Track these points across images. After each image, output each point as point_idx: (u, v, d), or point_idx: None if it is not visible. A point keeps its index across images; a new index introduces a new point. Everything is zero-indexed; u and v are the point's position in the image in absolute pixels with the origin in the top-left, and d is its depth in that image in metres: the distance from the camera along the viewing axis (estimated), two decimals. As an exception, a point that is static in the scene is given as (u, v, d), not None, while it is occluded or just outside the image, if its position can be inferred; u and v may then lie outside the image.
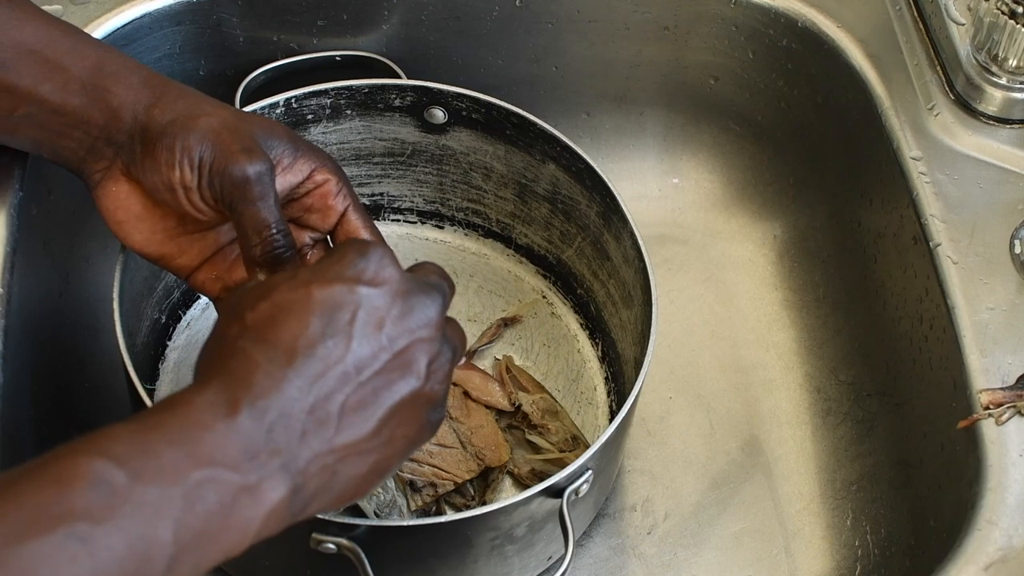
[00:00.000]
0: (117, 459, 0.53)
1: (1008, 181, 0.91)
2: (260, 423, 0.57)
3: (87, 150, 0.76)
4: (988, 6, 0.91)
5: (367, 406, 0.61)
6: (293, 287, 0.61)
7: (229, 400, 0.57)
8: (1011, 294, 0.86)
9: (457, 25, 1.02)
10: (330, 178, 0.78)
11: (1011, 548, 0.77)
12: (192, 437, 0.55)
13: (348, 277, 0.61)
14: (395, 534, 0.76)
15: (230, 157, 0.71)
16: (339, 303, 0.61)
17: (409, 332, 0.62)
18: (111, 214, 0.77)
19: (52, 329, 0.92)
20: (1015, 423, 0.81)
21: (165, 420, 0.56)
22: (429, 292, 0.64)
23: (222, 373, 0.58)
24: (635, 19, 1.03)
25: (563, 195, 0.95)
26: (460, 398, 0.93)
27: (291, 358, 0.59)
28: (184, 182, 0.73)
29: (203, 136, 0.72)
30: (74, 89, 0.75)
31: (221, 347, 0.60)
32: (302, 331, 0.59)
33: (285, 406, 0.58)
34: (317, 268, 0.62)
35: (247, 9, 0.98)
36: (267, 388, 0.58)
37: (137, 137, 0.74)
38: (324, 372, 0.59)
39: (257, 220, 0.71)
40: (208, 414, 0.56)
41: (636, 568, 0.93)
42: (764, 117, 1.06)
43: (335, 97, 0.92)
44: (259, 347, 0.59)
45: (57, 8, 0.94)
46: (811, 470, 0.97)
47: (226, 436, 0.56)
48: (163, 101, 0.75)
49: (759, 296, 1.06)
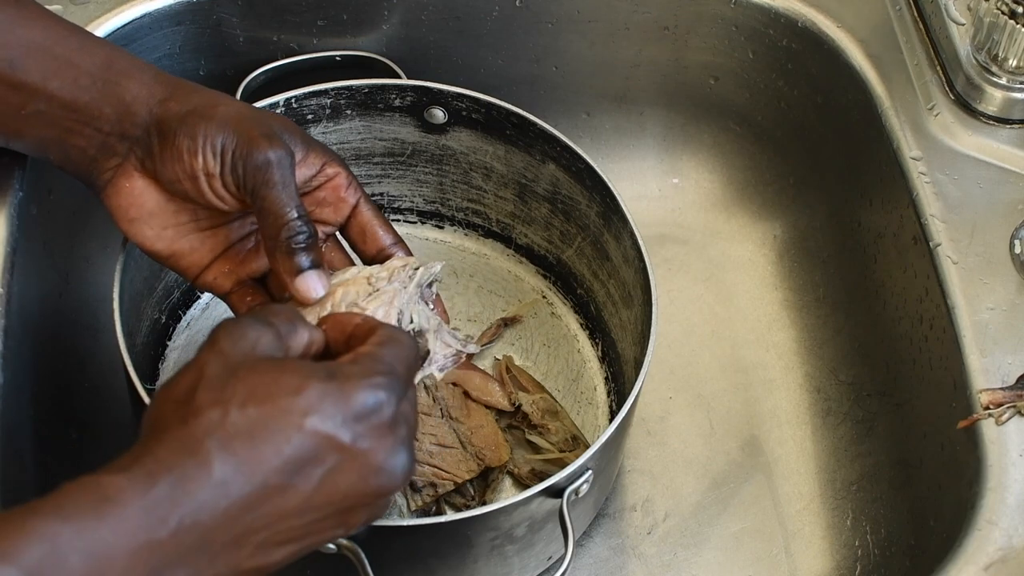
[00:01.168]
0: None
1: (1008, 181, 0.91)
2: (179, 541, 0.56)
3: (98, 148, 0.75)
4: (988, 6, 0.91)
5: (289, 543, 0.60)
6: (291, 408, 0.59)
7: (158, 507, 0.55)
8: (1011, 294, 0.86)
9: (457, 25, 1.02)
10: (340, 171, 0.78)
11: (1011, 548, 0.77)
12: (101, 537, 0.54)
13: (344, 429, 0.60)
14: (395, 534, 0.76)
15: (252, 143, 0.72)
16: (321, 455, 0.59)
17: (366, 498, 0.61)
18: (123, 212, 0.76)
19: (52, 329, 0.92)
20: (1015, 423, 0.81)
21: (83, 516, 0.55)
22: (400, 453, 0.62)
23: (168, 467, 0.56)
24: (635, 19, 1.03)
25: (563, 195, 0.95)
26: (460, 398, 0.93)
27: (245, 484, 0.57)
28: (207, 169, 0.73)
29: (224, 124, 0.73)
30: (84, 84, 0.74)
31: (186, 412, 0.58)
32: (272, 463, 0.58)
33: (211, 526, 0.57)
34: (326, 395, 0.60)
35: (247, 9, 0.98)
36: (204, 505, 0.56)
37: (153, 129, 0.74)
38: (267, 511, 0.58)
39: (279, 204, 0.72)
40: (133, 514, 0.55)
41: (636, 568, 0.93)
42: (764, 117, 1.06)
43: (335, 97, 0.92)
44: (221, 456, 0.57)
45: (57, 8, 0.94)
46: (811, 470, 0.97)
47: (137, 554, 0.55)
48: (177, 95, 0.75)
49: (759, 296, 1.06)
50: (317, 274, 0.74)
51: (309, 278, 0.73)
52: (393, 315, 0.75)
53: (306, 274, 0.73)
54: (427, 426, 0.91)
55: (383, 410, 0.62)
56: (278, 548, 0.60)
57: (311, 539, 0.61)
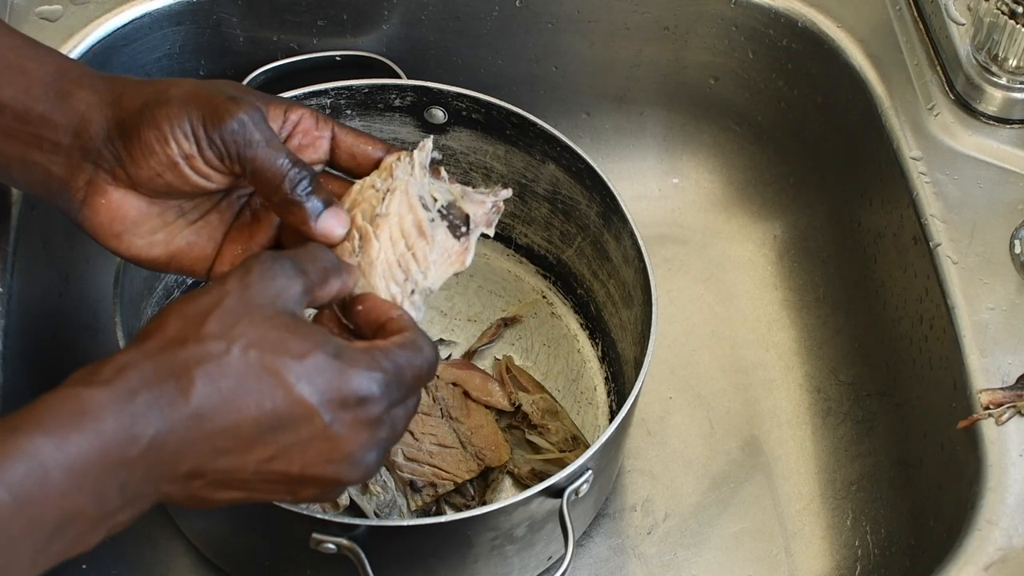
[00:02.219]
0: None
1: (1008, 181, 0.91)
2: (147, 460, 0.57)
3: (62, 167, 0.72)
4: (988, 6, 0.91)
5: (235, 491, 0.62)
6: (287, 369, 0.60)
7: (133, 424, 0.57)
8: (1011, 294, 0.86)
9: (457, 25, 1.02)
10: (303, 112, 0.75)
11: (1011, 548, 0.77)
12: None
13: (328, 408, 0.61)
14: (395, 534, 0.76)
15: (219, 111, 0.70)
16: (296, 423, 0.60)
17: (320, 480, 0.62)
18: (107, 228, 0.73)
19: (52, 329, 0.92)
20: (1015, 423, 0.81)
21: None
22: (369, 452, 0.63)
23: (150, 386, 0.58)
24: (635, 19, 1.03)
25: (563, 195, 0.95)
26: (460, 398, 0.93)
27: (218, 423, 0.59)
28: (184, 152, 0.70)
29: (183, 103, 0.70)
30: (37, 94, 0.71)
31: (189, 334, 0.59)
32: (250, 412, 0.59)
33: (177, 452, 0.58)
34: (325, 369, 0.61)
35: (247, 9, 0.98)
36: (175, 430, 0.58)
37: (115, 133, 0.71)
38: (229, 457, 0.59)
39: (271, 160, 0.70)
40: (110, 429, 0.56)
41: (636, 568, 0.93)
42: (764, 117, 1.06)
43: (335, 97, 0.92)
44: (205, 390, 0.58)
45: (57, 8, 0.94)
46: (811, 470, 0.97)
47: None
48: (127, 92, 0.72)
49: (759, 296, 1.06)
50: (333, 212, 0.72)
51: (327, 219, 0.72)
52: (417, 204, 0.73)
53: (323, 216, 0.72)
54: (427, 426, 0.91)
55: (371, 405, 0.62)
56: (225, 491, 0.61)
57: (256, 495, 0.62)
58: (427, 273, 0.72)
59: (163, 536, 0.91)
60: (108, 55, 0.95)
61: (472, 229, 0.74)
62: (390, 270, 0.71)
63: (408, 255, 0.72)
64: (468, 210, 0.74)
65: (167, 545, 0.91)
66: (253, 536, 0.83)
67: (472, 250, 0.74)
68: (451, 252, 0.74)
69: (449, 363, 0.96)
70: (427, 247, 0.72)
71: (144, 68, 0.98)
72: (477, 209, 0.75)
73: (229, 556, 0.88)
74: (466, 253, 0.74)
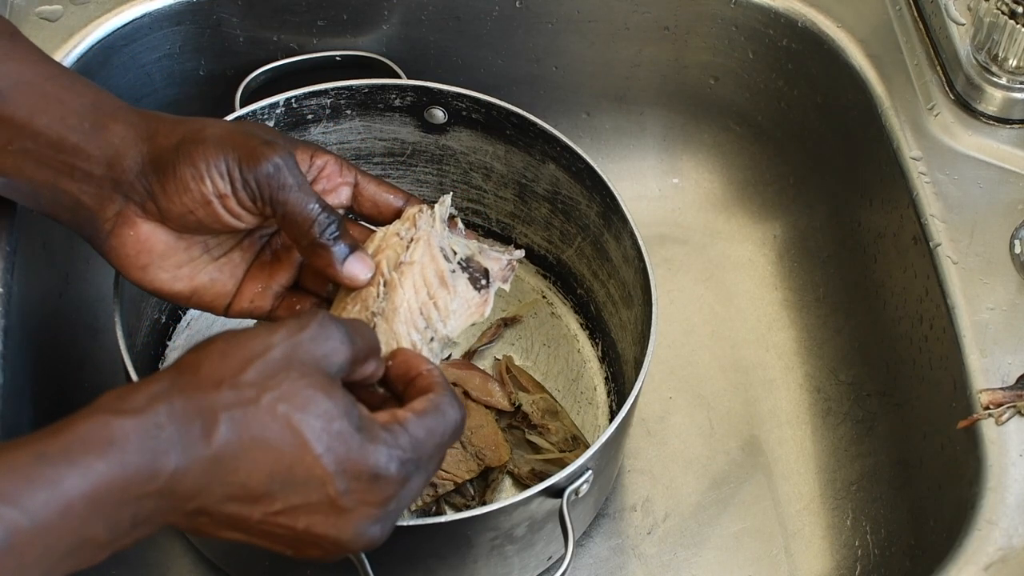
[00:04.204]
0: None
1: (1008, 181, 0.91)
2: (162, 494, 0.57)
3: (92, 196, 0.73)
4: (988, 6, 0.91)
5: (239, 533, 0.61)
6: (311, 431, 0.60)
7: (156, 460, 0.57)
8: (1011, 294, 0.86)
9: (457, 25, 1.02)
10: (328, 158, 0.77)
11: (1011, 548, 0.77)
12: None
13: (341, 478, 0.60)
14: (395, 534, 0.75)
15: (255, 154, 0.71)
16: (308, 488, 0.60)
17: (324, 545, 0.62)
18: (133, 260, 0.74)
19: (52, 329, 0.92)
20: (1015, 423, 0.81)
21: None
22: (374, 526, 0.63)
23: (177, 422, 0.57)
24: (635, 19, 1.03)
25: (563, 195, 0.95)
26: (460, 398, 0.93)
27: (232, 471, 0.58)
28: (218, 191, 0.71)
29: (219, 144, 0.71)
30: (72, 124, 0.72)
31: (227, 376, 0.59)
32: (265, 466, 0.59)
33: (190, 491, 0.58)
34: (345, 440, 0.60)
35: (247, 9, 0.98)
36: (192, 470, 0.58)
37: (148, 169, 0.72)
38: (239, 505, 0.59)
39: (301, 205, 0.71)
40: (133, 461, 0.56)
41: (636, 568, 0.93)
42: (764, 117, 1.06)
43: (335, 97, 0.92)
44: (227, 435, 0.58)
45: (57, 8, 0.94)
46: (811, 470, 0.97)
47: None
48: (162, 129, 0.73)
49: (759, 296, 1.06)
50: (359, 256, 0.74)
51: (353, 264, 0.74)
52: (438, 255, 0.75)
53: (349, 260, 0.73)
54: (427, 426, 0.91)
55: (385, 484, 0.62)
56: (229, 531, 0.61)
57: (257, 541, 0.62)
58: (447, 322, 0.74)
59: (163, 536, 0.91)
60: (108, 55, 0.95)
61: (491, 284, 0.77)
62: (412, 318, 0.74)
63: (430, 304, 0.74)
64: (486, 263, 0.77)
65: (167, 545, 0.91)
66: (253, 536, 0.83)
67: (491, 303, 0.76)
68: (471, 303, 0.76)
69: (449, 363, 0.96)
70: (448, 297, 0.74)
71: (144, 68, 0.98)
72: (493, 265, 0.77)
73: (229, 556, 0.88)
74: (485, 305, 0.76)
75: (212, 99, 1.01)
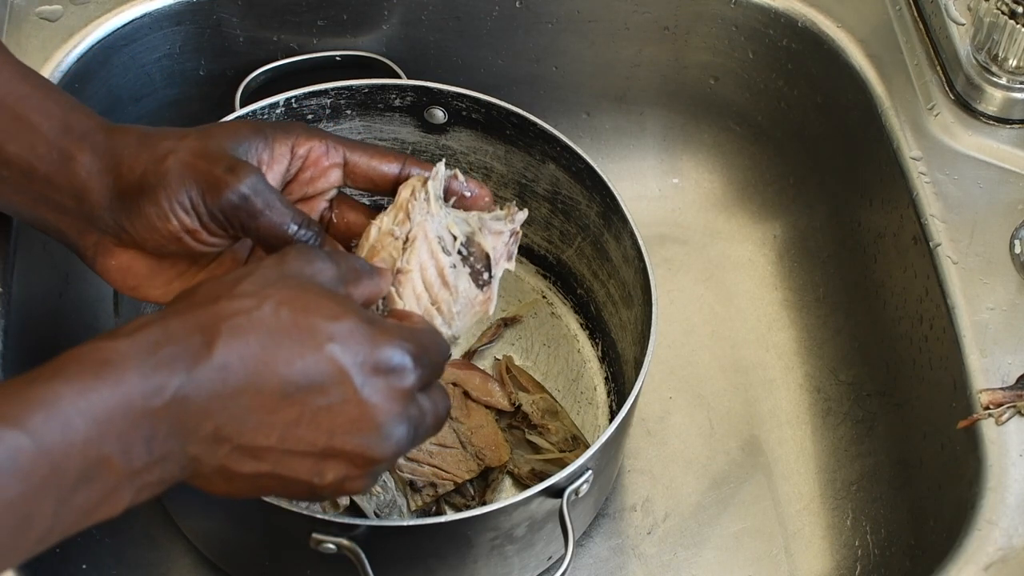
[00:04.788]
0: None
1: (1008, 181, 0.91)
2: (171, 413, 0.56)
3: (69, 226, 0.72)
4: (988, 6, 0.91)
5: (258, 461, 0.60)
6: (319, 329, 0.59)
7: (155, 374, 0.56)
8: (1011, 294, 0.86)
9: (457, 25, 1.02)
10: (312, 143, 0.74)
11: (1011, 548, 0.77)
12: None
13: (359, 371, 0.59)
14: (395, 534, 0.76)
15: (218, 185, 0.68)
16: (326, 385, 0.59)
17: (348, 454, 0.61)
18: (121, 283, 0.74)
19: (52, 329, 0.92)
20: (1015, 423, 0.81)
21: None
22: (400, 425, 0.62)
23: (174, 339, 0.57)
24: (635, 19, 1.03)
25: (563, 195, 0.95)
26: (460, 398, 0.93)
27: (242, 378, 0.57)
28: (185, 227, 0.69)
29: (180, 176, 0.69)
30: (41, 153, 0.71)
31: (222, 293, 0.59)
32: (278, 370, 0.58)
33: (201, 407, 0.57)
34: (358, 333, 0.60)
35: (247, 9, 0.98)
36: (199, 384, 0.57)
37: (116, 205, 0.70)
38: (254, 415, 0.58)
39: (274, 228, 0.69)
40: (131, 378, 0.56)
41: (636, 568, 0.93)
42: (764, 117, 1.06)
43: (335, 97, 0.92)
44: (230, 342, 0.57)
45: (57, 8, 0.94)
46: (811, 470, 0.97)
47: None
48: (127, 156, 0.71)
49: (759, 296, 1.06)
50: None
51: None
52: (437, 248, 0.73)
53: None
54: (427, 426, 0.91)
55: (404, 375, 0.61)
56: (251, 461, 0.59)
57: (281, 471, 0.60)
58: (451, 324, 0.74)
59: (163, 536, 0.91)
60: (108, 55, 0.95)
61: (493, 277, 0.75)
62: None
63: (432, 309, 0.73)
64: (487, 245, 0.75)
65: (167, 545, 0.91)
66: (253, 536, 0.83)
67: (495, 299, 0.76)
68: (474, 302, 0.75)
69: (449, 363, 0.96)
70: (451, 299, 0.74)
71: (144, 68, 0.98)
72: (496, 242, 0.75)
73: (229, 556, 0.88)
74: (488, 303, 0.75)
75: (212, 99, 1.01)
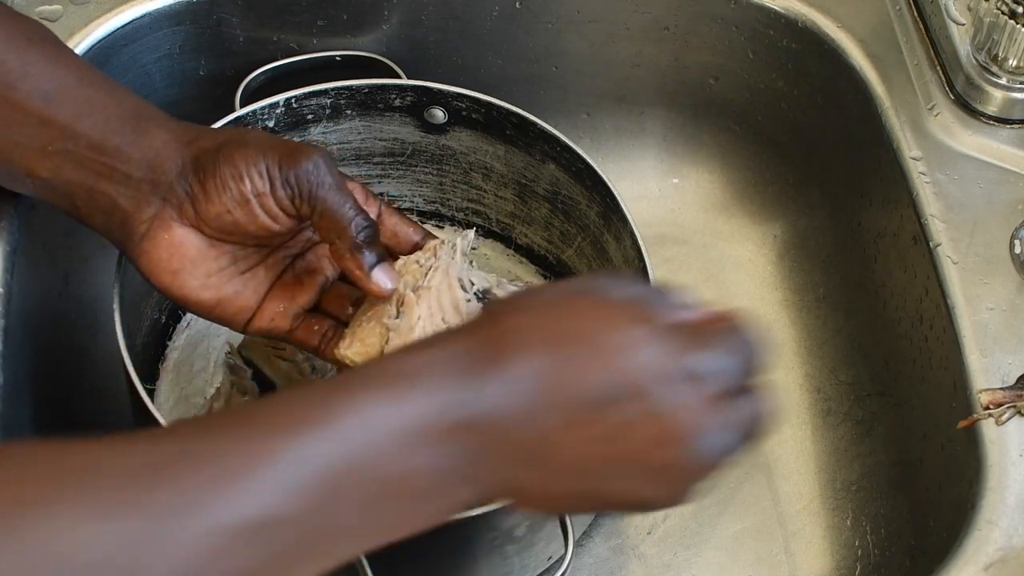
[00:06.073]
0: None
1: (1008, 181, 0.91)
2: (481, 431, 0.55)
3: (128, 199, 0.74)
4: (988, 6, 0.91)
5: (592, 478, 0.58)
6: (622, 340, 0.57)
7: (463, 387, 0.55)
8: (1011, 294, 0.86)
9: (457, 25, 1.02)
10: (356, 186, 0.80)
11: (1011, 548, 0.77)
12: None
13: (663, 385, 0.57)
14: (395, 534, 0.76)
15: (295, 152, 0.73)
16: (627, 399, 0.57)
17: (670, 467, 0.58)
18: (164, 264, 0.75)
19: (52, 329, 0.92)
20: (1015, 423, 0.81)
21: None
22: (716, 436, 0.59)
23: (465, 353, 0.56)
24: (635, 19, 1.03)
25: (563, 195, 0.95)
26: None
27: (532, 392, 0.56)
28: (256, 190, 0.73)
29: (259, 146, 0.74)
30: (115, 127, 0.74)
31: (521, 306, 0.58)
32: (588, 381, 0.56)
33: (503, 423, 0.56)
34: (665, 340, 0.58)
35: (247, 9, 0.98)
36: (497, 403, 0.55)
37: (189, 170, 0.74)
38: (559, 434, 0.56)
39: (339, 203, 0.73)
40: (438, 392, 0.54)
41: (636, 568, 0.93)
42: (764, 117, 1.06)
43: (335, 97, 0.92)
44: (517, 354, 0.56)
45: (57, 8, 0.94)
46: (811, 470, 0.97)
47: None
48: (204, 136, 0.76)
49: (759, 296, 1.06)
50: (385, 267, 0.76)
51: (380, 272, 0.75)
52: (455, 284, 0.77)
53: (377, 268, 0.75)
54: (427, 426, 0.91)
55: (704, 384, 0.58)
56: (577, 480, 0.58)
57: (594, 485, 0.58)
58: None
59: (163, 536, 0.90)
60: (108, 55, 0.95)
61: None
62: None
63: (443, 328, 0.75)
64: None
65: (167, 545, 0.90)
66: (253, 536, 0.83)
67: None
68: None
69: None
70: (461, 323, 0.75)
71: (144, 68, 0.98)
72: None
73: (229, 556, 0.88)
74: None
75: (212, 99, 1.01)
